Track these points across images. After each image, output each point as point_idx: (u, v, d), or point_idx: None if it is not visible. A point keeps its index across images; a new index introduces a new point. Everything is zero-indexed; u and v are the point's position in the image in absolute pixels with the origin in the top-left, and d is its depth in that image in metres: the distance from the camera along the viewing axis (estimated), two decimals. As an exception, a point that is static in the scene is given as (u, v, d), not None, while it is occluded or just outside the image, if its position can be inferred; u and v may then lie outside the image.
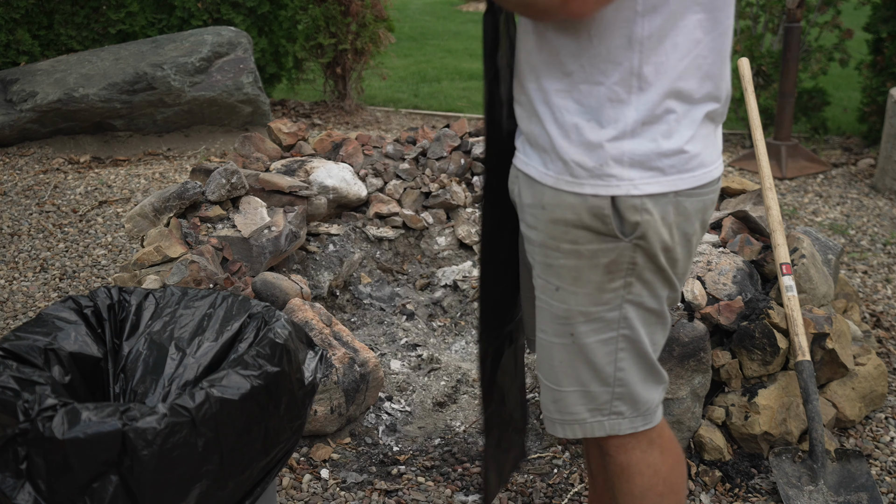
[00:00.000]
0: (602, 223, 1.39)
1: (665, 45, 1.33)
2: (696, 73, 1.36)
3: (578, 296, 1.45)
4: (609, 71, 1.34)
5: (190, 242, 2.81)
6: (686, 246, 1.46)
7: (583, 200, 1.38)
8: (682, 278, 1.51)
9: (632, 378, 1.51)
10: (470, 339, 3.08)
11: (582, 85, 1.36)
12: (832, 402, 2.54)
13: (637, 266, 1.43)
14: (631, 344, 1.49)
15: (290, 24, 6.51)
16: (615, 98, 1.34)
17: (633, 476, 1.57)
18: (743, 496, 2.29)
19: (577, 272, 1.44)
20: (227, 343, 1.66)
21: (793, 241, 2.68)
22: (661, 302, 1.49)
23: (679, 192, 1.39)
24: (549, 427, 1.59)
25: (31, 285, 3.52)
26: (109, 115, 5.26)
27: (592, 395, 1.52)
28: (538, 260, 1.48)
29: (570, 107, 1.37)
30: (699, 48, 1.35)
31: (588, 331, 1.47)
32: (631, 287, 1.44)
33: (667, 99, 1.35)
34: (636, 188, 1.36)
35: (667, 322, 1.53)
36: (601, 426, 1.54)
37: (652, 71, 1.33)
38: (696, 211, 1.43)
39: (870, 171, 5.07)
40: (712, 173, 1.43)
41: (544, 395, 1.57)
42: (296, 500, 2.26)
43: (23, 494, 1.33)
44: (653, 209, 1.38)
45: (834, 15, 5.60)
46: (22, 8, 5.81)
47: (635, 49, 1.32)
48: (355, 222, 3.37)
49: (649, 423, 1.55)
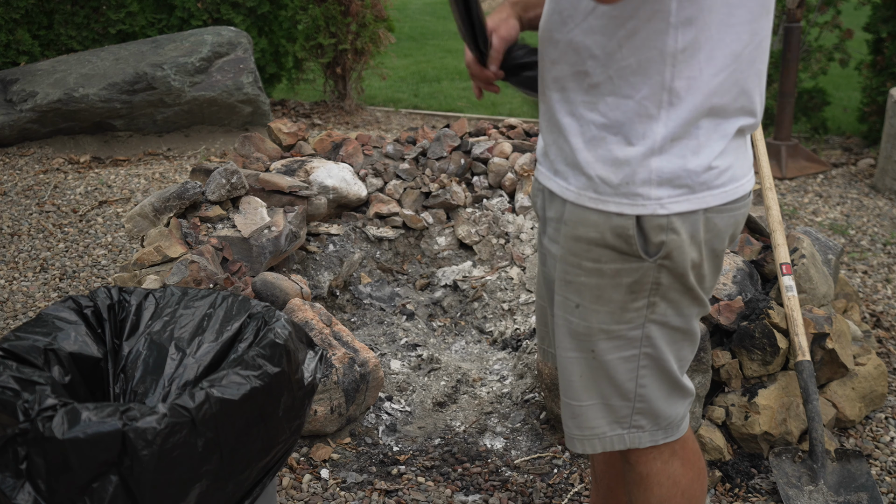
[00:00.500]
0: (626, 243, 1.34)
1: (699, 59, 1.26)
2: (732, 88, 1.30)
3: (600, 314, 1.41)
4: (638, 84, 1.28)
5: (190, 242, 2.81)
6: (714, 262, 1.41)
7: (606, 219, 1.33)
8: (709, 293, 1.46)
9: (653, 394, 1.47)
10: (470, 339, 3.08)
11: (609, 97, 1.30)
12: (832, 402, 2.54)
13: (662, 286, 1.38)
14: (653, 361, 1.44)
15: (290, 24, 6.51)
16: (644, 113, 1.28)
17: (652, 486, 1.54)
18: (743, 496, 2.29)
19: (599, 291, 1.39)
20: (227, 343, 1.66)
21: (793, 241, 2.68)
22: (687, 320, 1.44)
23: (709, 209, 1.33)
24: (568, 444, 1.56)
25: (31, 285, 3.52)
26: (109, 115, 5.26)
27: (613, 409, 1.48)
28: (558, 275, 1.44)
29: (596, 119, 1.32)
30: (736, 62, 1.29)
31: (609, 347, 1.43)
32: (655, 307, 1.40)
33: (698, 114, 1.29)
34: (663, 208, 1.31)
35: (695, 337, 1.48)
36: (621, 439, 1.51)
37: (684, 85, 1.27)
38: (726, 227, 1.38)
39: (870, 171, 5.07)
40: (744, 187, 1.37)
41: (564, 412, 1.54)
42: (296, 500, 2.26)
43: (23, 494, 1.33)
44: (680, 228, 1.32)
45: (834, 15, 5.60)
46: (22, 8, 5.81)
47: (668, 62, 1.26)
48: (355, 222, 3.37)
49: (671, 436, 1.52)
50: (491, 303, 3.19)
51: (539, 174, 1.47)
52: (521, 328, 2.98)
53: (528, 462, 2.42)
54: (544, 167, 1.45)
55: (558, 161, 1.39)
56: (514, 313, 3.09)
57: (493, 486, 2.32)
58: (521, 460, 2.42)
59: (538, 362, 2.51)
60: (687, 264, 1.36)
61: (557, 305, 1.46)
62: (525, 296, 3.12)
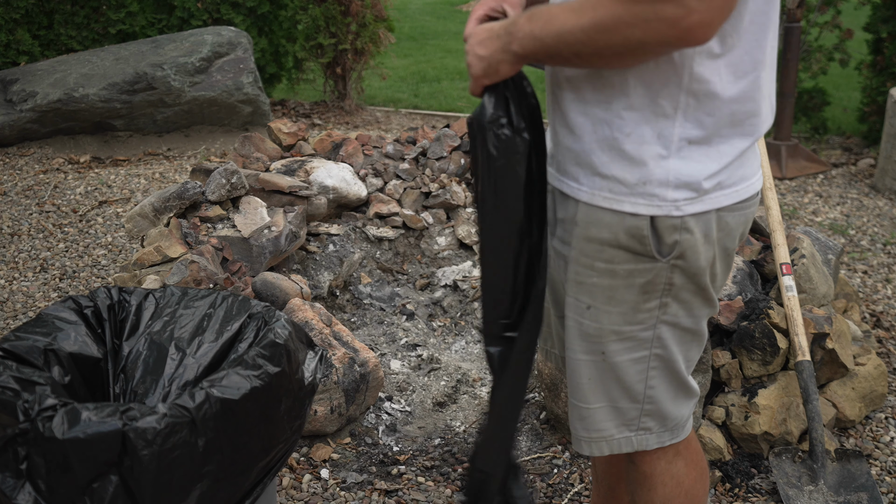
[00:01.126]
0: (640, 243, 1.33)
1: (719, 64, 1.26)
2: (754, 94, 1.30)
3: (612, 315, 1.40)
4: (656, 84, 1.26)
5: (190, 242, 2.81)
6: (726, 260, 1.41)
7: (620, 219, 1.32)
8: (719, 292, 1.46)
9: (662, 396, 1.47)
10: (470, 339, 3.08)
11: (625, 97, 1.29)
12: (832, 402, 2.54)
13: (674, 286, 1.38)
14: (663, 363, 1.44)
15: (290, 24, 6.51)
16: (661, 113, 1.27)
17: (656, 486, 1.54)
18: (743, 496, 2.29)
19: (612, 292, 1.38)
20: (227, 343, 1.66)
21: (793, 241, 2.68)
22: (697, 321, 1.44)
23: (721, 209, 1.33)
24: (575, 446, 1.56)
25: (31, 285, 3.52)
26: (109, 115, 5.26)
27: (621, 411, 1.48)
28: (570, 277, 1.43)
29: (612, 120, 1.31)
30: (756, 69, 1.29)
31: (620, 349, 1.43)
32: (667, 307, 1.40)
33: (717, 119, 1.28)
34: (678, 209, 1.31)
35: (703, 338, 1.48)
36: (628, 442, 1.50)
37: (703, 89, 1.26)
38: (737, 225, 1.38)
39: (870, 171, 5.07)
40: (754, 186, 1.38)
41: (572, 414, 1.53)
42: (296, 500, 2.26)
43: (23, 494, 1.33)
44: (694, 227, 1.32)
45: (834, 15, 5.60)
46: (22, 8, 5.81)
47: (686, 64, 1.25)
48: (355, 222, 3.37)
49: (677, 437, 1.52)
50: (491, 303, 3.19)
51: (549, 176, 1.44)
52: (521, 328, 2.98)
53: (528, 462, 2.42)
54: (552, 168, 1.44)
55: (568, 162, 1.38)
56: (514, 313, 3.09)
57: (493, 486, 2.32)
58: (521, 460, 2.42)
59: (538, 362, 2.51)
60: (700, 263, 1.36)
61: (568, 307, 1.45)
62: (525, 296, 3.11)
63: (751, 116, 1.32)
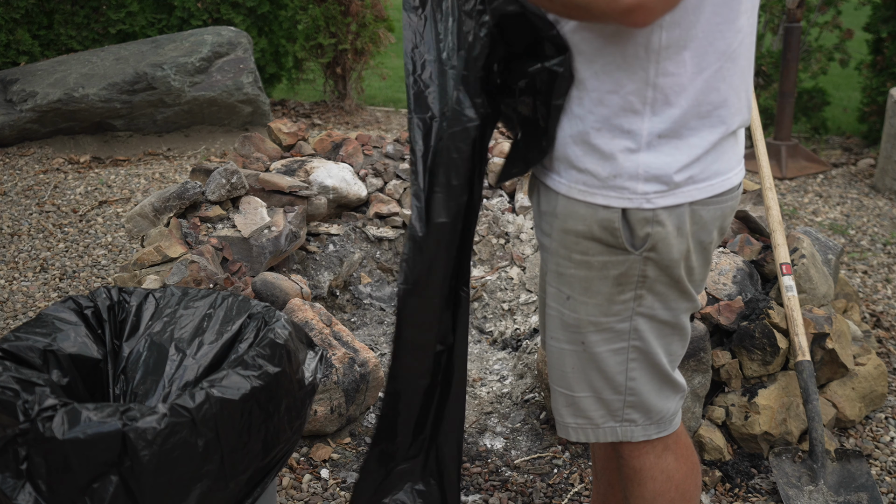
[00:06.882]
0: (612, 235, 1.36)
1: (684, 57, 1.28)
2: (720, 86, 1.31)
3: (589, 306, 1.43)
4: (623, 80, 1.29)
5: (190, 242, 2.81)
6: (703, 254, 1.43)
7: (594, 211, 1.35)
8: (698, 286, 1.47)
9: (644, 388, 1.49)
10: (470, 339, 3.08)
11: (594, 92, 1.32)
12: (832, 402, 2.54)
13: (648, 279, 1.40)
14: (642, 355, 1.46)
15: (290, 24, 6.51)
16: (629, 108, 1.30)
17: (646, 481, 1.55)
18: (743, 496, 2.29)
19: (588, 283, 1.41)
20: (227, 343, 1.66)
21: (793, 241, 2.68)
22: (675, 314, 1.46)
23: (695, 202, 1.35)
24: (560, 431, 1.57)
25: (31, 285, 3.52)
26: (109, 115, 5.26)
27: (605, 402, 1.50)
28: (551, 268, 1.47)
29: (584, 115, 1.34)
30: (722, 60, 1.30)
31: (599, 340, 1.45)
32: (642, 300, 1.42)
33: (684, 112, 1.30)
34: (649, 202, 1.33)
35: (684, 332, 1.50)
36: (613, 432, 1.52)
37: (669, 83, 1.29)
38: (713, 219, 1.39)
39: (870, 171, 5.07)
40: (731, 181, 1.39)
41: (556, 399, 1.55)
42: (296, 500, 2.26)
43: (23, 495, 1.33)
44: (666, 220, 1.34)
45: (834, 15, 5.60)
46: (22, 8, 5.81)
47: (651, 59, 1.28)
48: (355, 222, 3.37)
49: (664, 431, 1.54)
50: (491, 303, 3.19)
51: (535, 169, 1.49)
52: (521, 328, 2.98)
53: (528, 462, 2.42)
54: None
55: (550, 156, 1.42)
56: (514, 313, 3.09)
57: (493, 486, 2.32)
58: (521, 460, 2.42)
59: (538, 362, 2.51)
60: (673, 256, 1.38)
61: (550, 297, 1.49)
62: (525, 296, 3.12)
63: (717, 108, 1.33)
